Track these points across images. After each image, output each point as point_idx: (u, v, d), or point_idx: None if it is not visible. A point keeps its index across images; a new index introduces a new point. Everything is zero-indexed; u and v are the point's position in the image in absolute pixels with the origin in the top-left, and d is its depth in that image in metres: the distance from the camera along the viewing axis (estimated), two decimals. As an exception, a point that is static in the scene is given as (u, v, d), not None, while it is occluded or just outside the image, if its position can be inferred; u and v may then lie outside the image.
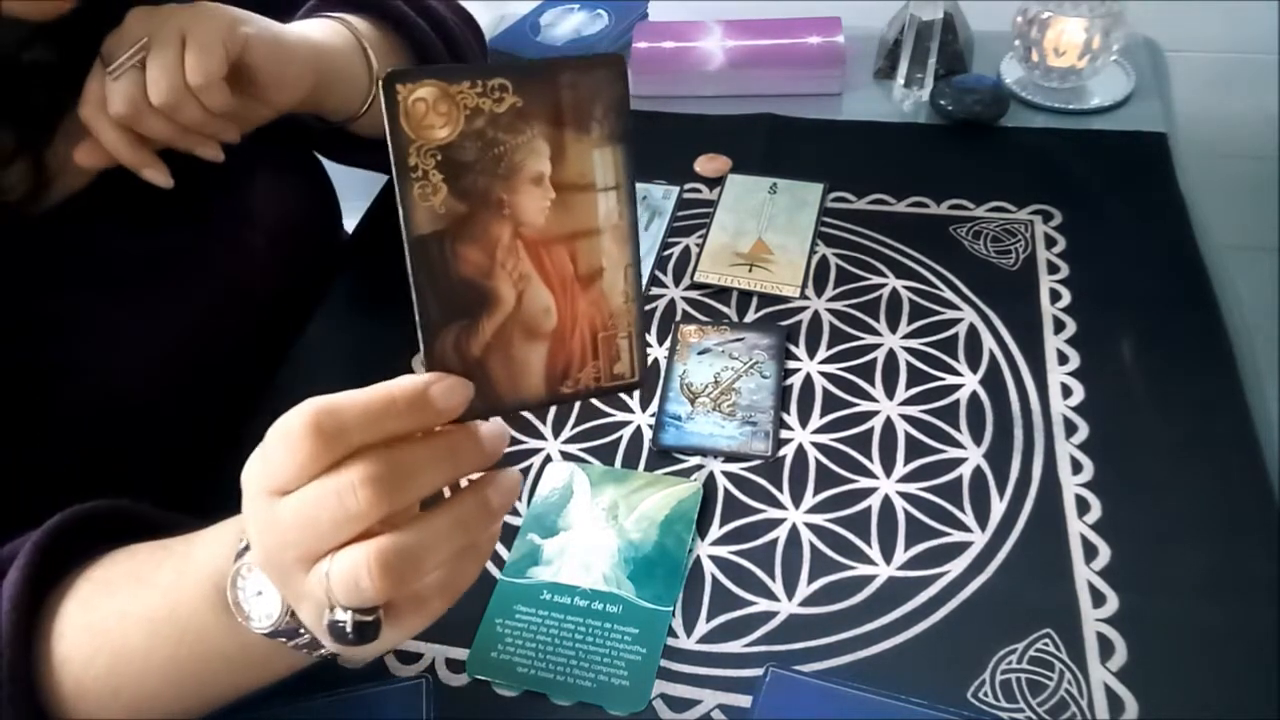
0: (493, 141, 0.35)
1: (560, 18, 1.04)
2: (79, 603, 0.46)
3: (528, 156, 0.36)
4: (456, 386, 0.37)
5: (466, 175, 0.35)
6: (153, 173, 0.58)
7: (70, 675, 0.45)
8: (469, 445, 0.38)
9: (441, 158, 0.35)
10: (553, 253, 0.37)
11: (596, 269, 0.38)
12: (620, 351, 0.39)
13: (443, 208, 0.36)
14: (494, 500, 0.39)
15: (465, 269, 0.36)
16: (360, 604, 0.37)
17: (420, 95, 0.34)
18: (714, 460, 0.65)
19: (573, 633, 0.56)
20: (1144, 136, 0.85)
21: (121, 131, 0.56)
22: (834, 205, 0.83)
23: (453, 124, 0.35)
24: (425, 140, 0.35)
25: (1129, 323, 0.70)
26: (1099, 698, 0.51)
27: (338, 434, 0.36)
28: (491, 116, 0.35)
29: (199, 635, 0.43)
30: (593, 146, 0.37)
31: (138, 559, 0.46)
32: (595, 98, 0.36)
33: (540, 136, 0.36)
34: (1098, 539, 0.58)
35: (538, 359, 0.38)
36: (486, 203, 0.36)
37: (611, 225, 0.38)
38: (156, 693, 0.45)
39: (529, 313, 0.38)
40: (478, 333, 0.37)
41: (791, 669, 0.54)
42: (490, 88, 0.35)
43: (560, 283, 0.38)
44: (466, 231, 0.36)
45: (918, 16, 0.88)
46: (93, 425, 0.61)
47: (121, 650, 0.44)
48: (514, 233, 0.37)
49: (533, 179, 0.36)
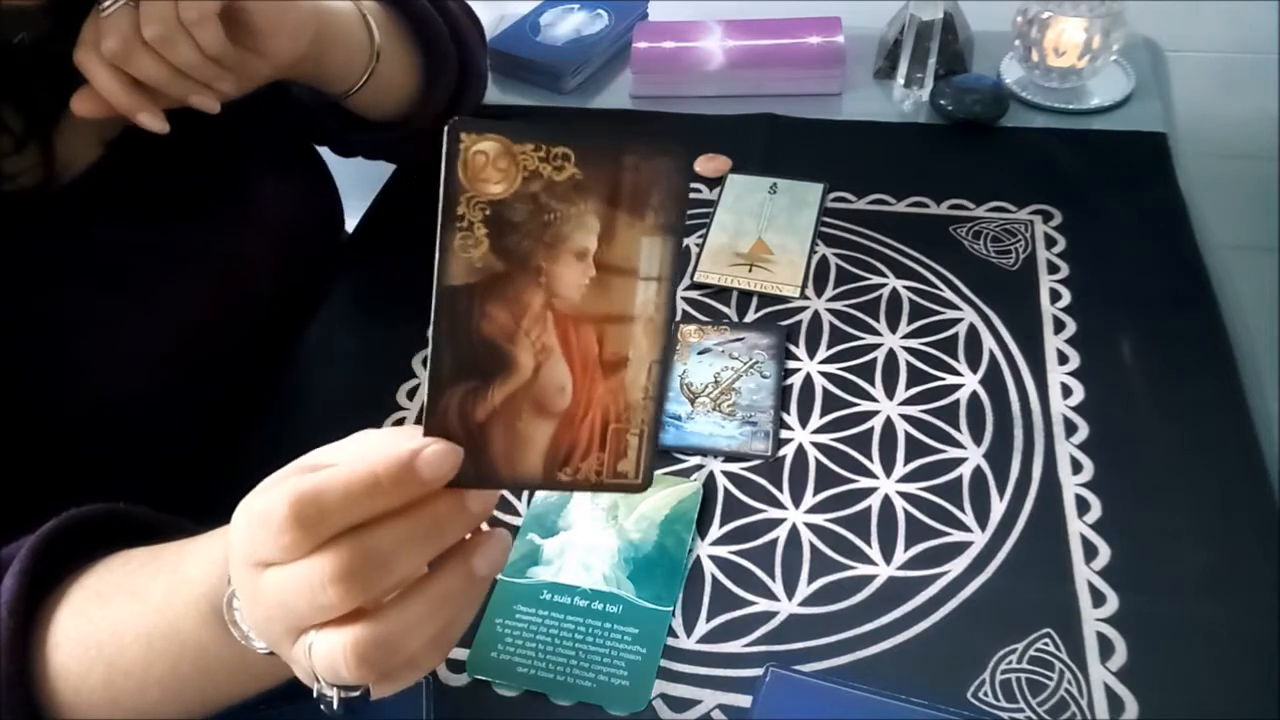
0: (545, 207, 0.35)
1: (560, 18, 1.04)
2: (74, 612, 0.45)
3: (576, 229, 0.35)
4: (446, 454, 0.35)
5: (511, 235, 0.35)
6: (147, 117, 0.57)
7: (68, 685, 0.44)
8: (452, 516, 0.36)
9: (490, 213, 0.34)
10: (580, 331, 0.37)
11: (621, 358, 0.37)
12: (628, 449, 0.38)
13: (480, 262, 0.35)
14: (480, 568, 0.37)
15: (489, 328, 0.36)
16: (341, 683, 0.36)
17: (482, 148, 0.34)
18: (714, 460, 0.65)
19: (573, 633, 0.56)
20: (1144, 136, 0.85)
21: (115, 73, 0.55)
22: (834, 205, 0.83)
23: (509, 182, 0.34)
24: (478, 193, 0.34)
25: (1129, 323, 0.70)
26: (1099, 698, 0.51)
27: (319, 521, 0.35)
28: (549, 183, 0.35)
29: (199, 650, 0.43)
30: (643, 233, 0.36)
31: (130, 568, 0.46)
32: (654, 185, 0.36)
33: (593, 212, 0.35)
34: (1098, 539, 0.58)
35: (542, 437, 0.37)
36: (525, 266, 0.35)
37: (646, 316, 0.37)
38: (157, 702, 0.44)
39: (543, 387, 0.37)
40: (486, 397, 0.36)
41: (791, 669, 0.54)
42: (553, 154, 0.34)
43: (582, 363, 0.37)
44: (499, 291, 0.35)
45: (918, 16, 0.88)
46: (90, 423, 0.61)
47: (117, 663, 0.44)
48: (546, 303, 0.36)
49: (577, 253, 0.36)
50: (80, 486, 0.49)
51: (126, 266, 0.62)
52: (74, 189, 0.61)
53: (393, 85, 0.76)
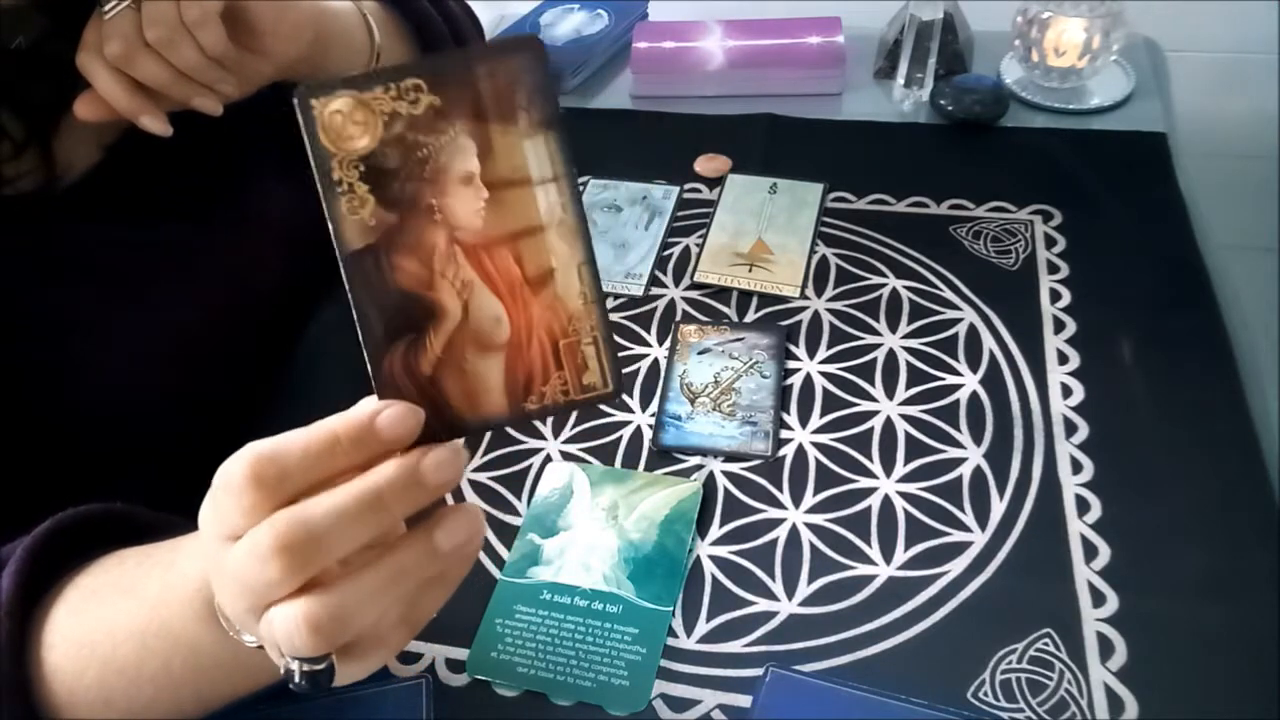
0: (415, 145, 0.34)
1: (560, 18, 1.04)
2: (69, 611, 0.45)
3: (454, 156, 0.34)
4: (406, 415, 0.35)
5: (392, 183, 0.34)
6: (150, 120, 0.57)
7: (63, 685, 0.44)
8: (401, 490, 0.35)
9: (364, 168, 0.34)
10: (495, 256, 0.35)
11: (546, 270, 0.36)
12: (587, 360, 0.37)
13: (372, 219, 0.34)
14: (442, 542, 0.36)
15: (404, 280, 0.35)
16: (300, 655, 0.36)
17: (336, 107, 0.33)
18: (714, 460, 0.65)
19: (573, 633, 0.56)
20: (1144, 136, 0.85)
21: (118, 76, 0.55)
22: (834, 205, 0.83)
23: (372, 132, 0.34)
24: (346, 152, 0.34)
25: (1129, 323, 0.70)
26: (1099, 698, 0.51)
27: (280, 480, 0.35)
28: (410, 119, 0.34)
29: (192, 647, 0.43)
30: (522, 137, 0.35)
31: (125, 567, 0.46)
32: (516, 85, 0.34)
33: (464, 134, 0.34)
34: (1098, 539, 0.58)
35: (495, 373, 0.36)
36: (416, 209, 0.35)
37: (556, 221, 0.36)
38: (151, 701, 0.44)
39: (478, 323, 0.36)
40: (426, 349, 0.36)
41: (791, 669, 0.54)
42: (404, 89, 0.33)
43: (508, 288, 0.36)
44: (400, 241, 0.35)
45: (918, 16, 0.88)
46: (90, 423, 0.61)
47: (111, 662, 0.44)
48: (450, 238, 0.35)
49: (462, 179, 0.35)
50: (80, 487, 0.49)
51: (127, 268, 0.62)
52: (74, 191, 0.61)
53: None
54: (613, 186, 0.87)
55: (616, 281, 0.78)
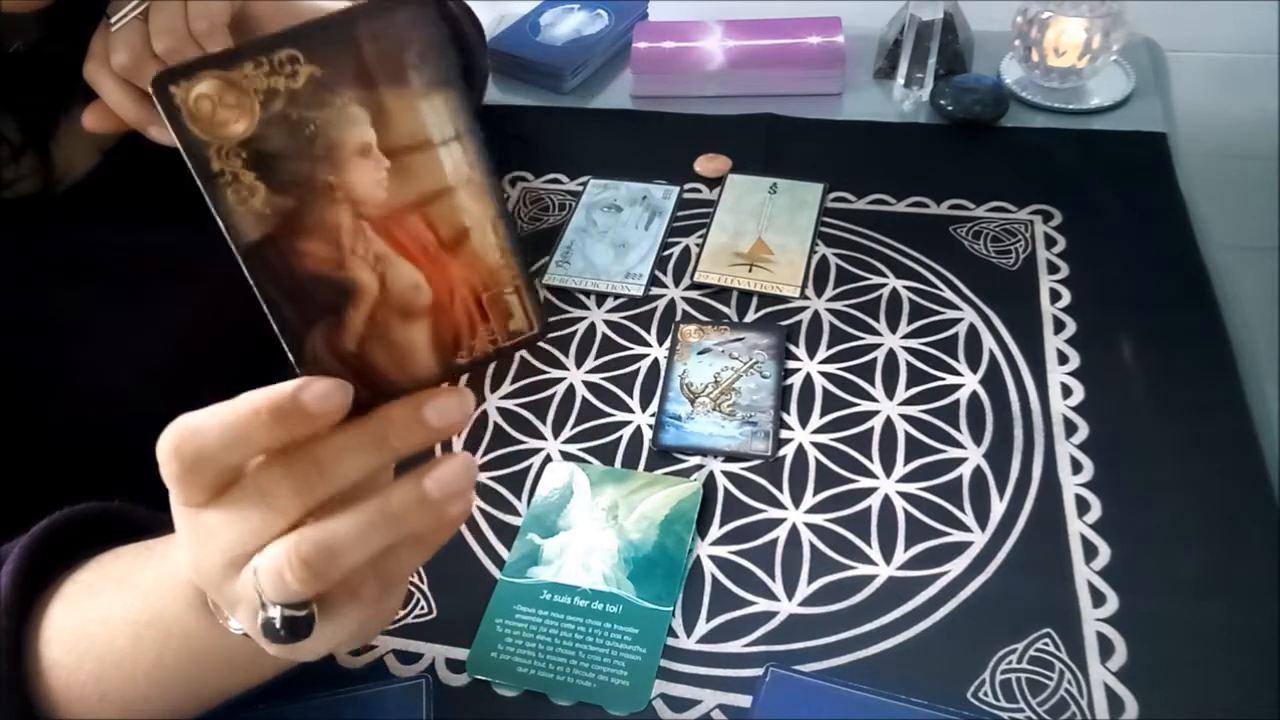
0: (300, 122, 0.31)
1: (560, 18, 1.04)
2: (66, 606, 0.46)
3: (345, 128, 0.32)
4: (333, 389, 0.34)
5: (282, 166, 0.32)
6: (158, 130, 0.57)
7: (60, 680, 0.44)
8: (402, 428, 0.35)
9: (247, 154, 0.31)
10: (405, 225, 0.33)
11: (460, 230, 0.34)
12: (511, 308, 0.36)
13: (266, 207, 0.32)
14: (433, 491, 0.36)
15: (311, 265, 0.33)
16: (287, 598, 0.36)
17: (201, 91, 0.30)
18: (714, 460, 0.65)
19: (573, 633, 0.56)
20: (1144, 136, 0.85)
21: (125, 87, 0.55)
22: (834, 205, 0.83)
23: (248, 114, 0.31)
24: (223, 140, 0.31)
25: (1129, 323, 0.70)
26: (1099, 698, 0.51)
27: (198, 456, 0.35)
28: (290, 94, 0.31)
29: (183, 638, 0.43)
30: (417, 98, 0.32)
31: (122, 561, 0.46)
32: (404, 44, 0.31)
33: (353, 102, 0.31)
34: (1098, 539, 0.58)
35: (421, 337, 0.35)
36: (313, 189, 0.32)
37: (464, 180, 0.33)
38: (145, 695, 0.44)
39: (397, 293, 0.34)
40: (347, 327, 0.34)
41: (791, 669, 0.54)
42: (278, 62, 0.30)
43: (424, 254, 0.34)
44: (300, 226, 0.32)
45: (918, 16, 0.88)
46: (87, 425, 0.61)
47: (107, 654, 0.44)
48: (355, 214, 0.33)
49: (358, 151, 0.32)
50: (78, 487, 0.49)
51: (125, 270, 0.62)
52: (73, 194, 0.61)
53: None
54: (613, 186, 0.87)
55: (616, 281, 0.78)
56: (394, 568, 0.39)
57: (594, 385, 0.70)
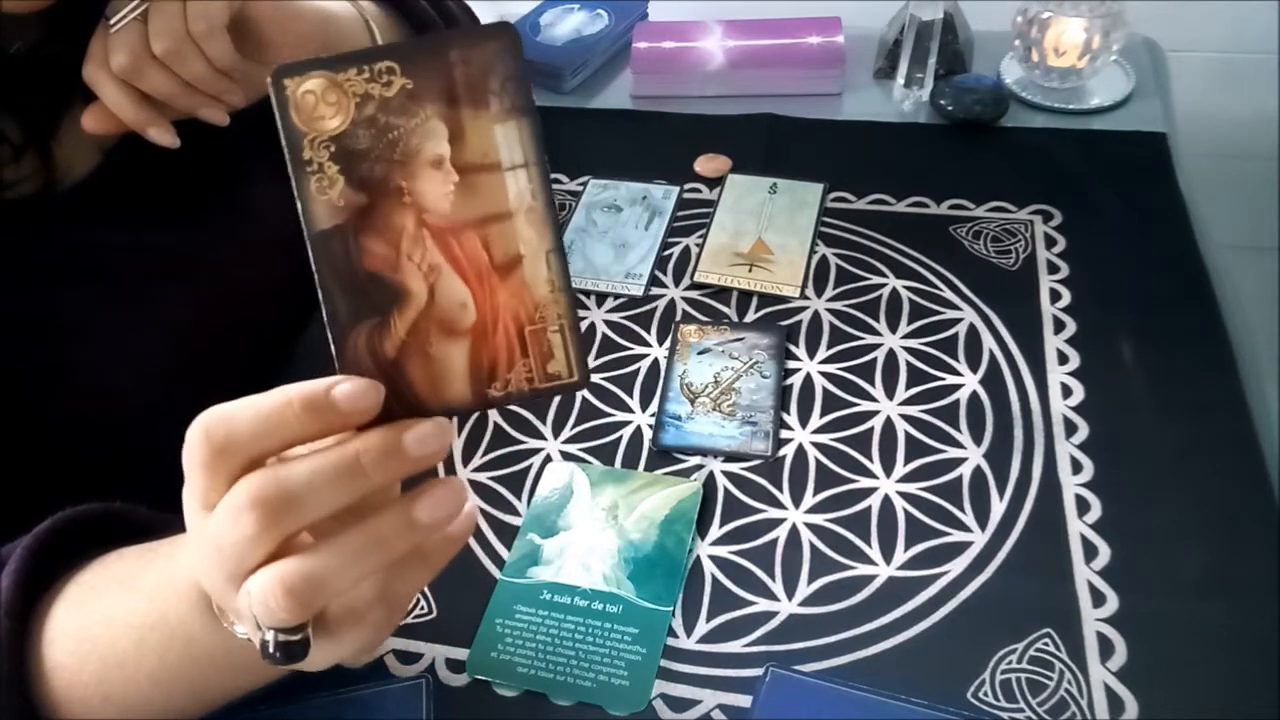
0: (386, 127, 0.34)
1: (560, 18, 1.04)
2: (69, 607, 0.46)
3: (424, 139, 0.34)
4: (366, 389, 0.35)
5: (362, 164, 0.34)
6: (157, 131, 0.57)
7: (62, 681, 0.44)
8: (381, 453, 0.35)
9: (335, 149, 0.34)
10: (463, 241, 0.35)
11: (514, 256, 0.36)
12: (553, 348, 0.37)
13: (341, 200, 0.34)
14: (422, 516, 0.36)
15: (370, 262, 0.35)
16: (277, 625, 0.36)
17: (309, 87, 0.34)
18: (714, 460, 0.65)
19: (573, 633, 0.56)
20: (1144, 136, 0.85)
21: (125, 88, 0.55)
22: (834, 205, 0.83)
23: (343, 113, 0.34)
24: (317, 132, 0.34)
25: (1129, 323, 0.70)
26: (1099, 698, 0.51)
27: (228, 442, 0.35)
28: (382, 101, 0.34)
29: (186, 640, 0.43)
30: (493, 122, 0.35)
31: (125, 562, 0.46)
32: (489, 71, 0.34)
33: (435, 117, 0.34)
34: (1098, 539, 0.58)
35: (459, 358, 0.36)
36: (386, 191, 0.35)
37: (525, 207, 0.35)
38: (147, 697, 0.44)
39: (444, 307, 0.36)
40: (390, 331, 0.36)
41: (791, 669, 0.54)
42: (377, 71, 0.34)
43: (475, 273, 0.36)
44: (368, 223, 0.35)
45: (918, 16, 0.88)
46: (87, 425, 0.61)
47: (109, 656, 0.44)
48: (418, 221, 0.35)
49: (432, 162, 0.35)
50: (79, 487, 0.49)
51: (126, 271, 0.62)
52: (73, 194, 0.61)
53: None
54: (613, 186, 0.87)
55: (616, 281, 0.78)
56: (399, 588, 0.39)
57: (594, 385, 0.70)
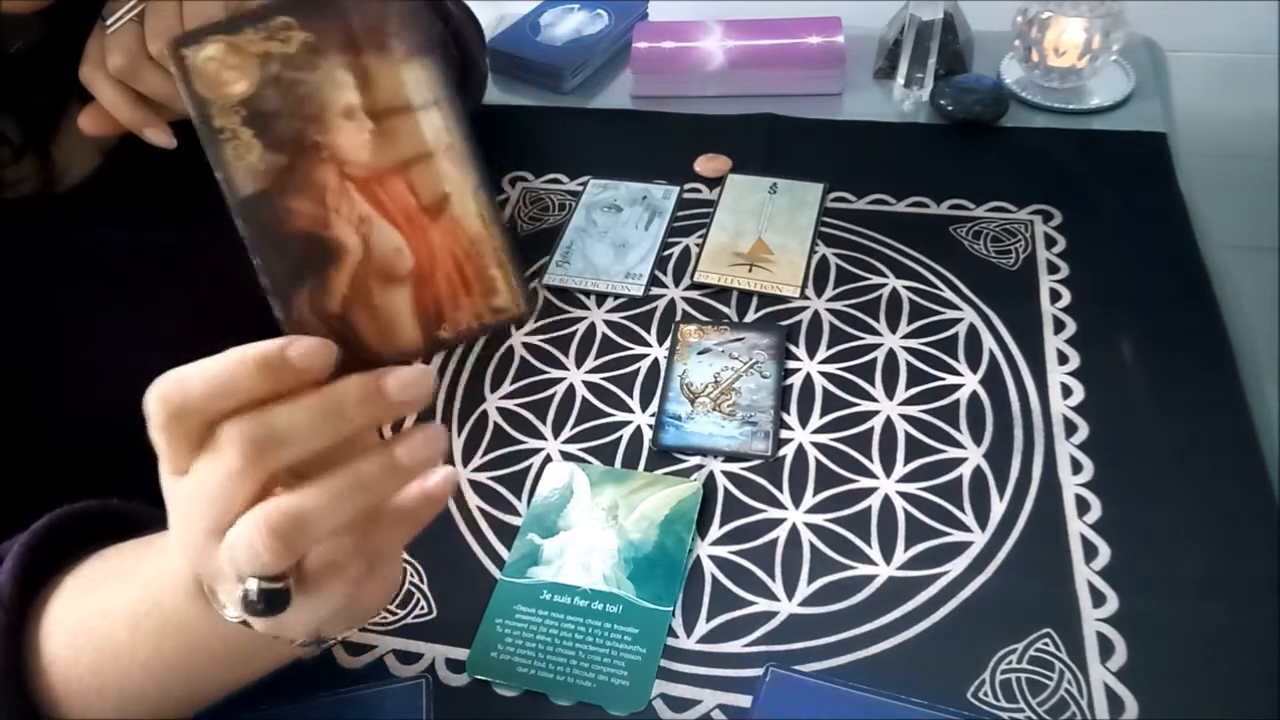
0: (293, 84, 0.34)
1: (560, 18, 1.04)
2: (65, 600, 0.46)
3: (333, 90, 0.34)
4: (319, 347, 0.35)
5: (276, 124, 0.34)
6: (154, 132, 0.57)
7: (58, 674, 0.45)
8: (360, 397, 0.36)
9: (246, 112, 0.34)
10: (388, 187, 0.35)
11: (441, 195, 0.36)
12: (495, 282, 0.37)
13: (261, 164, 0.34)
14: (404, 458, 0.37)
15: (300, 222, 0.35)
16: (261, 570, 0.36)
17: (208, 54, 0.33)
18: (714, 460, 0.65)
19: (573, 633, 0.56)
20: (1144, 136, 0.85)
21: (121, 89, 0.55)
22: (834, 205, 0.83)
23: (248, 75, 0.34)
24: (225, 98, 0.34)
25: (1129, 323, 0.70)
26: (1099, 698, 0.51)
27: (183, 403, 0.36)
28: (285, 58, 0.34)
29: (181, 629, 0.43)
30: (398, 65, 0.34)
31: (122, 555, 0.47)
32: (385, 15, 0.34)
33: (340, 67, 0.34)
34: (1098, 539, 0.58)
35: (404, 305, 0.36)
36: (303, 148, 0.34)
37: (444, 146, 0.35)
38: (142, 689, 0.45)
39: (380, 256, 0.36)
40: (331, 288, 0.36)
41: (791, 669, 0.54)
42: (275, 29, 0.33)
43: (405, 217, 0.36)
44: (291, 183, 0.35)
45: (918, 16, 0.88)
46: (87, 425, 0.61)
47: (105, 646, 0.44)
48: (340, 174, 0.35)
49: (343, 113, 0.34)
50: (79, 488, 0.49)
51: (126, 271, 0.62)
52: (73, 195, 0.61)
53: None
54: (613, 186, 0.87)
55: (616, 281, 0.78)
56: (377, 544, 0.39)
57: (594, 385, 0.70)
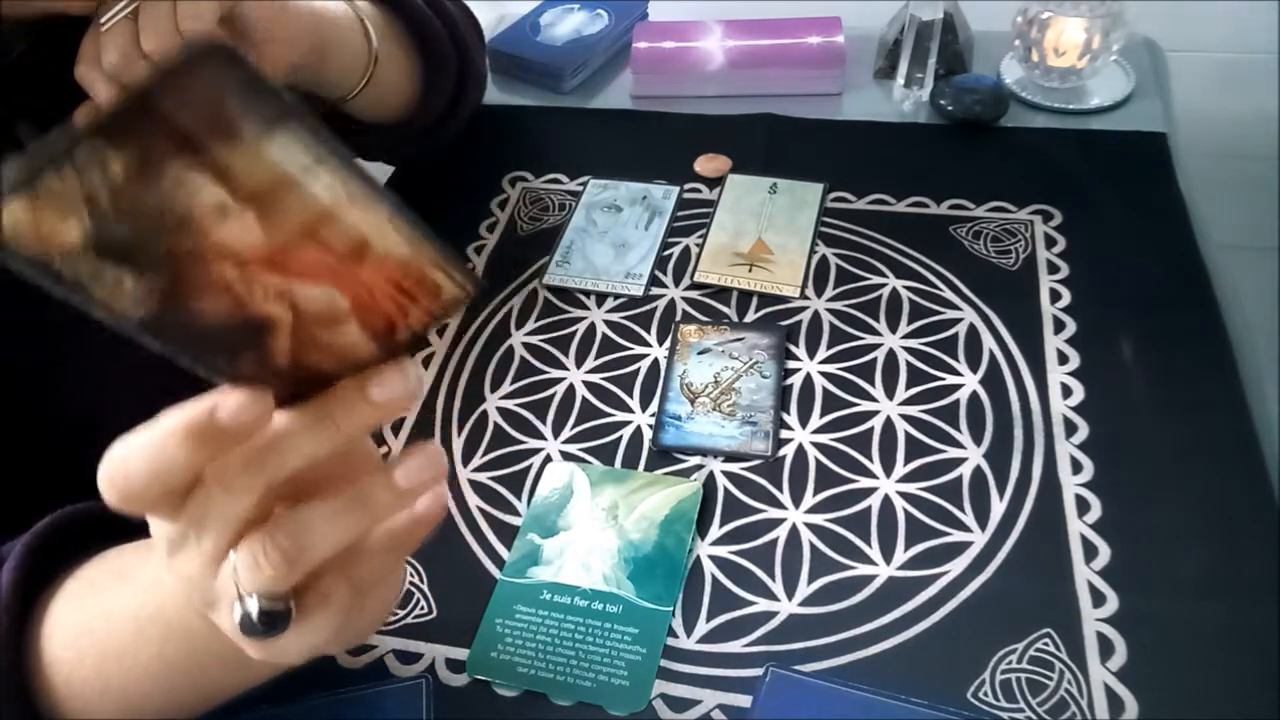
0: (137, 208, 0.27)
1: (560, 18, 1.04)
2: (67, 602, 0.46)
3: (190, 198, 0.28)
4: (249, 400, 0.33)
5: (137, 251, 0.28)
6: None
7: (60, 676, 0.44)
8: (346, 406, 0.35)
9: (95, 251, 0.28)
10: (297, 255, 0.30)
11: (359, 241, 0.31)
12: (438, 282, 0.34)
13: (140, 289, 0.29)
14: (401, 481, 0.37)
15: (213, 319, 0.31)
16: (263, 588, 0.36)
17: (12, 217, 0.26)
18: (714, 460, 0.65)
19: (573, 633, 0.56)
20: (1144, 136, 0.85)
21: (117, 87, 0.55)
22: (834, 205, 0.83)
23: (78, 218, 0.27)
24: (61, 249, 0.27)
25: (1129, 323, 0.70)
26: (1099, 698, 0.51)
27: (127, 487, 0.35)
28: (114, 190, 0.27)
29: (184, 633, 0.43)
30: (255, 144, 0.28)
31: (124, 557, 0.46)
32: (217, 99, 0.27)
33: (185, 170, 0.27)
34: (1098, 539, 0.58)
35: (353, 334, 0.34)
36: (181, 259, 0.29)
37: (342, 199, 0.30)
38: (145, 692, 0.45)
39: (313, 312, 0.32)
40: (272, 352, 0.33)
41: (791, 669, 0.54)
42: (84, 164, 0.26)
43: (330, 274, 0.32)
44: (185, 293, 0.30)
45: (918, 16, 0.88)
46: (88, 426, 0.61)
47: (108, 649, 0.44)
48: (237, 264, 0.30)
49: (215, 213, 0.28)
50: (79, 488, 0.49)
51: None
52: None
53: (391, 88, 0.76)
54: (613, 186, 0.87)
55: (616, 281, 0.78)
56: (365, 572, 0.39)
57: (594, 385, 0.70)
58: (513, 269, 0.80)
